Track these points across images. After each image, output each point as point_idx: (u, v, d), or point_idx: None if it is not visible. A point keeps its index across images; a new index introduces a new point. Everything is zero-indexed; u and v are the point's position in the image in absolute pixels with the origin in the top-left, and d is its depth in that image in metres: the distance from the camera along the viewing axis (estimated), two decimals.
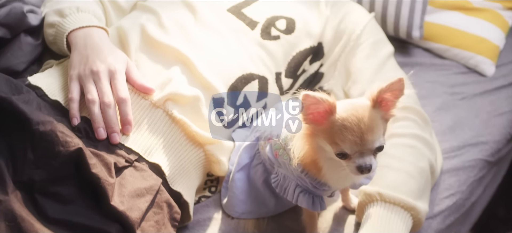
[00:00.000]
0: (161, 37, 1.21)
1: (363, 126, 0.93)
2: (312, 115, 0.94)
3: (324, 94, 0.93)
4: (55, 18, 1.22)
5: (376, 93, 0.96)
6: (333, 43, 1.41)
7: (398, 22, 1.55)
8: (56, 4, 1.28)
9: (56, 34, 1.21)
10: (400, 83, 0.98)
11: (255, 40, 1.29)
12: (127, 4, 1.39)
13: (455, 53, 1.59)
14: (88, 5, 1.26)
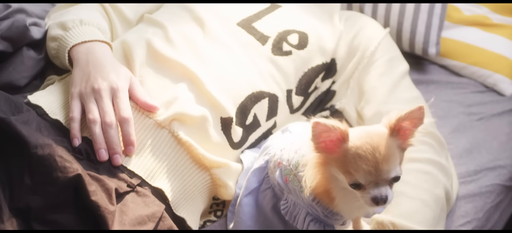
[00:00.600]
0: (168, 51, 1.17)
1: (379, 155, 0.88)
2: (324, 143, 0.89)
3: (335, 121, 0.88)
4: (58, 32, 1.18)
5: (394, 121, 0.92)
6: (346, 59, 1.36)
7: (414, 38, 1.50)
8: (60, 16, 1.24)
9: (59, 48, 1.17)
10: (420, 112, 0.93)
11: (266, 56, 1.25)
12: (134, 16, 1.34)
13: (473, 71, 1.54)
14: (92, 18, 1.22)
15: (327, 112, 1.36)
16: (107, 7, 1.31)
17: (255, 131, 1.21)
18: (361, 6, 1.52)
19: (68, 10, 1.28)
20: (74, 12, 1.24)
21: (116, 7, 1.32)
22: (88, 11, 1.26)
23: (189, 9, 1.27)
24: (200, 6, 1.28)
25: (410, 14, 1.49)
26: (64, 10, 1.29)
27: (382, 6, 1.50)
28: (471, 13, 1.57)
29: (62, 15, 1.24)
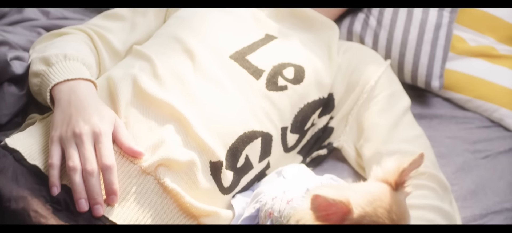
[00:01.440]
0: (155, 90, 1.11)
1: (395, 216, 0.84)
2: (325, 214, 0.83)
3: (336, 193, 0.82)
4: (40, 67, 1.12)
5: (397, 176, 0.88)
6: (344, 94, 1.30)
7: (416, 70, 1.43)
8: (44, 48, 1.19)
9: (41, 84, 1.11)
10: (421, 159, 0.90)
11: (260, 92, 1.19)
12: (123, 47, 1.29)
13: (478, 105, 1.47)
14: (78, 52, 1.16)
15: (325, 150, 1.30)
16: (95, 38, 1.26)
17: (247, 173, 1.15)
18: (362, 36, 1.46)
19: (53, 41, 1.22)
20: (59, 45, 1.18)
21: (104, 37, 1.27)
22: (74, 43, 1.21)
23: (179, 40, 1.22)
24: (192, 36, 1.22)
25: (412, 45, 1.43)
26: (49, 42, 1.23)
27: (384, 36, 1.44)
28: (477, 43, 1.51)
29: (46, 47, 1.19)
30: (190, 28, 1.24)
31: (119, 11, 1.33)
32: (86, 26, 1.30)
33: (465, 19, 1.52)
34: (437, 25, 1.43)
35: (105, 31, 1.29)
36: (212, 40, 1.23)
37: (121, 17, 1.33)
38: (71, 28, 1.29)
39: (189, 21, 1.26)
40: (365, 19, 1.45)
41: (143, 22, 1.33)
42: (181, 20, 1.28)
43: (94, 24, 1.31)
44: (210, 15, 1.28)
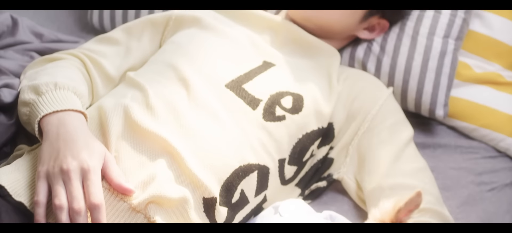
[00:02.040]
0: (147, 122, 1.07)
1: None
2: None
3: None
4: (30, 96, 1.08)
5: (394, 216, 0.86)
6: (345, 124, 1.26)
7: (420, 98, 1.39)
8: (35, 75, 1.15)
9: (30, 114, 1.07)
10: (419, 198, 0.87)
11: (257, 122, 1.14)
12: (117, 72, 1.25)
13: (484, 134, 1.42)
14: (69, 80, 1.12)
15: (324, 182, 1.26)
16: (88, 64, 1.22)
17: (242, 208, 1.11)
18: (364, 62, 1.41)
19: (45, 67, 1.19)
20: (50, 72, 1.14)
21: (97, 63, 1.23)
22: (66, 70, 1.17)
23: (174, 68, 1.17)
24: (187, 64, 1.18)
25: (416, 73, 1.38)
26: (41, 67, 1.20)
27: (387, 62, 1.40)
28: (482, 70, 1.46)
29: (37, 74, 1.15)
30: (186, 55, 1.20)
31: (113, 35, 1.30)
32: (79, 51, 1.26)
33: (470, 45, 1.47)
34: (442, 52, 1.39)
35: (98, 56, 1.25)
36: (208, 68, 1.19)
37: (116, 41, 1.29)
38: (64, 53, 1.26)
39: (185, 48, 1.22)
40: (368, 45, 1.41)
41: (138, 46, 1.30)
42: (177, 46, 1.24)
43: (87, 48, 1.28)
44: (206, 41, 1.24)
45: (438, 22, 1.39)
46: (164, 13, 1.33)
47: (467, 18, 1.42)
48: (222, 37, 1.26)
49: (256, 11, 1.33)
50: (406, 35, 1.40)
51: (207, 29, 1.27)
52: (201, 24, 1.29)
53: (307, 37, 1.30)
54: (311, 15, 1.29)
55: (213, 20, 1.30)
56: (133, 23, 1.32)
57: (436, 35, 1.39)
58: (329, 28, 1.31)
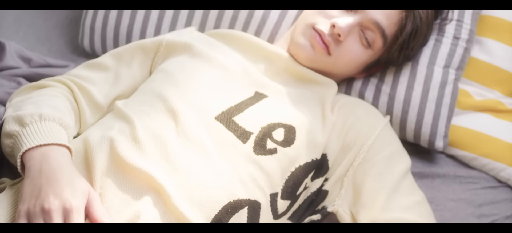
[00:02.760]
0: (133, 158, 1.01)
1: None
2: None
3: None
4: (14, 127, 1.03)
5: None
6: (340, 154, 1.20)
7: (419, 129, 1.33)
8: (20, 104, 1.10)
9: (14, 147, 1.02)
10: None
11: (247, 156, 1.09)
12: (105, 100, 1.20)
13: (484, 163, 1.37)
14: (55, 109, 1.07)
15: (318, 215, 1.20)
16: (76, 91, 1.18)
17: None
18: (362, 91, 1.36)
19: (31, 95, 1.14)
20: (36, 101, 1.09)
21: (85, 90, 1.19)
22: (52, 99, 1.12)
23: (163, 98, 1.12)
24: (176, 95, 1.13)
25: (416, 103, 1.32)
26: (27, 95, 1.15)
27: (386, 92, 1.34)
28: (482, 97, 1.41)
29: (22, 103, 1.10)
30: (175, 85, 1.15)
31: (102, 60, 1.25)
32: (67, 78, 1.21)
33: (470, 72, 1.41)
34: (442, 82, 1.33)
35: (87, 83, 1.20)
36: (198, 99, 1.13)
37: (105, 67, 1.24)
38: (52, 80, 1.21)
39: (175, 77, 1.17)
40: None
41: (127, 72, 1.25)
42: (166, 75, 1.19)
43: (75, 74, 1.23)
44: (197, 71, 1.19)
45: (439, 51, 1.34)
46: (155, 38, 1.28)
47: (468, 47, 1.36)
48: (213, 65, 1.21)
49: (253, 38, 1.28)
50: (405, 64, 1.34)
51: (198, 57, 1.22)
52: (193, 51, 1.24)
53: (304, 71, 1.26)
54: (317, 64, 1.25)
55: (205, 47, 1.25)
56: (123, 48, 1.27)
57: (437, 64, 1.34)
58: (330, 74, 1.28)
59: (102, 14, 1.44)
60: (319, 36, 1.21)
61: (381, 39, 1.23)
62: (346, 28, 1.19)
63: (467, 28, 1.37)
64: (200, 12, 1.40)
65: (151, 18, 1.42)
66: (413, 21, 1.23)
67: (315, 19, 1.23)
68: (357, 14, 1.21)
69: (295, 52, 1.25)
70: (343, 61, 1.24)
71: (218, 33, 1.33)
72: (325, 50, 1.22)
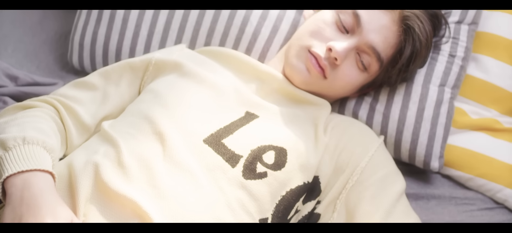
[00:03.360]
0: (117, 184, 0.97)
1: None
2: None
3: None
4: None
5: None
6: (332, 177, 1.16)
7: (414, 150, 1.28)
8: (3, 127, 1.05)
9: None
10: None
11: (236, 181, 1.04)
12: (92, 121, 1.16)
13: (480, 184, 1.32)
14: (39, 132, 1.02)
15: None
16: (62, 112, 1.13)
17: None
18: (355, 110, 1.32)
19: (15, 117, 1.09)
20: (20, 123, 1.05)
21: (72, 110, 1.14)
22: (37, 120, 1.07)
23: (150, 121, 1.08)
24: (164, 117, 1.08)
25: (411, 123, 1.28)
26: (11, 117, 1.10)
27: (380, 111, 1.30)
28: (478, 116, 1.36)
29: (6, 125, 1.05)
30: (163, 106, 1.11)
31: (90, 79, 1.20)
32: (53, 97, 1.17)
33: (466, 90, 1.37)
34: (438, 101, 1.28)
35: (73, 103, 1.16)
36: (186, 121, 1.09)
37: (92, 86, 1.20)
38: (38, 100, 1.16)
39: (164, 98, 1.13)
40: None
41: (115, 92, 1.20)
42: (155, 95, 1.14)
43: (62, 94, 1.18)
44: (186, 91, 1.14)
45: (434, 69, 1.29)
46: (144, 57, 1.24)
47: (464, 65, 1.32)
48: (203, 85, 1.17)
49: (245, 58, 1.23)
50: (400, 83, 1.30)
51: (188, 76, 1.18)
52: (182, 70, 1.19)
53: (298, 92, 1.21)
54: (312, 87, 1.20)
55: (195, 65, 1.20)
56: (111, 67, 1.23)
57: (432, 83, 1.29)
58: (325, 96, 1.23)
59: (91, 30, 1.40)
60: (315, 60, 1.17)
61: (377, 63, 1.19)
62: (343, 52, 1.15)
63: (463, 46, 1.33)
64: (190, 29, 1.36)
65: (141, 35, 1.38)
66: (412, 44, 1.19)
67: (310, 41, 1.19)
68: (353, 36, 1.17)
69: (290, 75, 1.21)
70: (339, 84, 1.20)
71: (209, 51, 1.29)
72: (321, 74, 1.18)
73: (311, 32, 1.19)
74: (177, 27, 1.37)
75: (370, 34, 1.16)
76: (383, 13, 1.18)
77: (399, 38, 1.18)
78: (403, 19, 1.18)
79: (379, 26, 1.17)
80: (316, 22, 1.21)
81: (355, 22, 1.17)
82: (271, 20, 1.35)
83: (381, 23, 1.17)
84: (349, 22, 1.18)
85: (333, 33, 1.18)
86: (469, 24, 1.34)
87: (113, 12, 1.38)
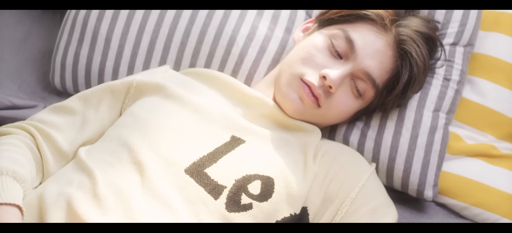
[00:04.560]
0: (92, 217, 0.88)
1: None
2: None
3: None
4: None
5: None
6: (321, 207, 1.07)
7: (407, 178, 1.20)
8: None
9: None
10: None
11: (218, 214, 0.96)
12: (70, 147, 1.08)
13: (476, 213, 1.23)
14: (11, 162, 0.95)
15: None
16: (39, 139, 1.05)
17: None
18: (346, 136, 1.23)
19: None
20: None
21: (49, 137, 1.06)
22: (10, 148, 1.00)
23: (129, 148, 1.00)
24: (144, 145, 1.00)
25: (404, 150, 1.19)
26: None
27: (371, 137, 1.21)
28: (474, 141, 1.28)
29: None
30: (144, 132, 1.02)
31: (69, 104, 1.12)
32: (30, 123, 1.08)
33: (462, 114, 1.28)
34: (432, 127, 1.19)
35: (51, 129, 1.08)
36: (167, 148, 1.00)
37: (71, 111, 1.11)
38: (13, 126, 1.08)
39: (144, 123, 1.05)
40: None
41: (95, 116, 1.12)
42: (135, 119, 1.06)
43: (39, 119, 1.10)
44: (168, 115, 1.06)
45: (428, 94, 1.20)
46: (125, 79, 1.15)
47: (459, 89, 1.23)
48: (187, 108, 1.08)
49: (234, 81, 1.15)
50: (393, 108, 1.21)
51: (171, 98, 1.10)
52: (165, 92, 1.11)
53: (290, 121, 1.12)
54: (305, 116, 1.12)
55: (179, 87, 1.12)
56: (91, 90, 1.14)
57: (426, 108, 1.20)
58: (317, 123, 1.15)
59: (73, 50, 1.31)
60: (308, 89, 1.09)
61: (372, 89, 1.11)
62: (337, 80, 1.07)
63: (458, 69, 1.24)
64: (175, 50, 1.28)
65: (124, 56, 1.29)
66: (410, 70, 1.10)
67: (302, 69, 1.10)
68: (348, 62, 1.09)
69: (282, 104, 1.12)
70: (333, 112, 1.12)
71: (195, 72, 1.20)
72: (315, 103, 1.09)
73: (303, 59, 1.11)
74: (162, 47, 1.29)
75: (365, 60, 1.08)
76: (377, 37, 1.10)
77: (395, 63, 1.10)
78: (398, 43, 1.10)
79: (374, 51, 1.09)
80: (307, 48, 1.12)
81: (349, 48, 1.09)
82: (258, 41, 1.26)
83: (376, 48, 1.09)
84: (342, 47, 1.10)
85: (326, 59, 1.10)
86: (464, 46, 1.25)
87: (95, 32, 1.30)
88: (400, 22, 1.11)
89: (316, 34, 1.15)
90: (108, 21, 1.29)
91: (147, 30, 1.28)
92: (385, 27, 1.10)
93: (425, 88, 1.21)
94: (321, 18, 1.18)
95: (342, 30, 1.11)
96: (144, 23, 1.28)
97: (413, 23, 1.12)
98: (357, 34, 1.10)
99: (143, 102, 1.11)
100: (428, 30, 1.15)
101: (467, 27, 1.24)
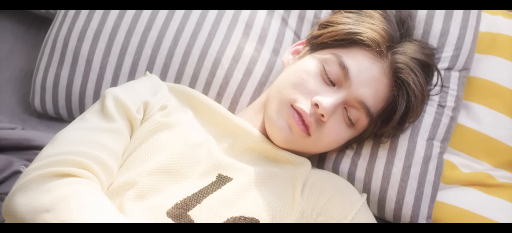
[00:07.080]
0: None
1: None
2: None
3: None
4: None
5: None
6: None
7: (400, 209, 1.08)
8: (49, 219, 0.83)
9: None
10: None
11: None
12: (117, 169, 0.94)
13: None
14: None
15: None
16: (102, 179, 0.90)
17: None
18: (335, 165, 1.11)
19: (57, 200, 0.85)
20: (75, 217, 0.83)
21: (108, 170, 0.93)
22: (91, 206, 0.85)
23: (109, 192, 0.89)
24: (126, 183, 0.89)
25: (396, 181, 1.07)
26: (48, 200, 0.85)
27: (362, 167, 1.09)
28: (470, 170, 1.15)
29: (52, 213, 0.82)
30: (127, 169, 0.92)
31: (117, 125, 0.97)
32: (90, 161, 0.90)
33: (456, 141, 1.15)
34: (425, 157, 1.07)
35: (107, 156, 0.91)
36: (149, 188, 0.89)
37: (119, 131, 0.97)
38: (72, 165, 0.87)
39: (130, 157, 0.94)
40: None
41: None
42: (123, 161, 0.95)
43: (95, 143, 0.91)
44: (157, 149, 0.93)
45: (422, 122, 1.08)
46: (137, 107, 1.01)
47: (455, 116, 1.11)
48: (178, 140, 0.96)
49: (220, 110, 1.02)
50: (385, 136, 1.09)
51: (165, 128, 0.98)
52: (163, 120, 1.00)
53: (277, 152, 1.00)
54: (294, 146, 1.00)
55: (176, 115, 1.00)
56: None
57: (420, 136, 1.08)
58: (307, 153, 1.03)
59: (53, 72, 1.19)
60: (298, 116, 0.96)
61: (366, 118, 0.99)
62: (330, 109, 0.95)
63: (453, 94, 1.12)
64: (158, 71, 1.15)
65: (106, 78, 1.17)
66: (407, 99, 0.99)
67: (293, 95, 0.97)
68: (341, 90, 0.97)
69: (270, 132, 0.99)
70: (324, 142, 0.99)
71: (184, 93, 1.05)
72: (305, 132, 0.96)
73: (294, 84, 0.99)
74: (144, 69, 1.17)
75: (360, 88, 0.96)
76: (372, 64, 0.98)
77: (391, 92, 0.99)
78: (395, 71, 0.98)
79: (369, 79, 0.97)
80: (298, 73, 1.00)
81: (343, 74, 0.97)
82: (244, 62, 1.15)
83: (371, 75, 0.97)
84: (335, 74, 0.98)
85: (318, 85, 0.98)
86: (460, 71, 1.13)
87: (76, 53, 1.18)
88: (397, 49, 1.00)
89: (308, 58, 1.03)
90: (89, 41, 1.17)
91: (129, 51, 1.17)
92: (381, 54, 0.98)
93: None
94: (313, 42, 1.07)
95: (336, 56, 0.99)
96: (126, 44, 1.17)
97: (409, 50, 1.01)
98: (351, 60, 0.98)
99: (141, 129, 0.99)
100: (425, 57, 1.03)
101: (463, 51, 1.12)
